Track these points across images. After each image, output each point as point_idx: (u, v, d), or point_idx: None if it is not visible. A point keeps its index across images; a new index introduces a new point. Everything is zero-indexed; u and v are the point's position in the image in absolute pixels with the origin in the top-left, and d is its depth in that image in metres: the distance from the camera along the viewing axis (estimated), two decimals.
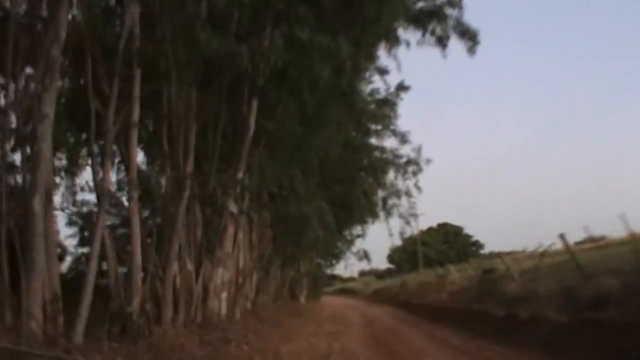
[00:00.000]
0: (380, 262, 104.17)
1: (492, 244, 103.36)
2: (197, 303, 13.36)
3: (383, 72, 21.20)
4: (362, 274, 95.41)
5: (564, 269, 16.46)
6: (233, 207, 14.68)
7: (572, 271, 15.23)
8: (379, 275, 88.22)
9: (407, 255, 76.11)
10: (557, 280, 15.57)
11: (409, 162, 33.06)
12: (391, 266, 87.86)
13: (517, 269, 19.96)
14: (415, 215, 38.02)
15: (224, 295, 15.09)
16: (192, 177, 12.25)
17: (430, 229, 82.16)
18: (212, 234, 13.59)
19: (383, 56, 19.60)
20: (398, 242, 51.39)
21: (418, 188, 34.47)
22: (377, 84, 27.58)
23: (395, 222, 37.42)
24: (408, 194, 35.13)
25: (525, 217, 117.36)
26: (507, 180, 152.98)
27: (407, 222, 37.41)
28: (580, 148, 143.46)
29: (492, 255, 52.19)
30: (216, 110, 13.66)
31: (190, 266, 13.24)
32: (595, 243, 23.39)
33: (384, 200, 34.78)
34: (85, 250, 17.80)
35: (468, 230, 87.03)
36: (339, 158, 24.18)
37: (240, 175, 14.66)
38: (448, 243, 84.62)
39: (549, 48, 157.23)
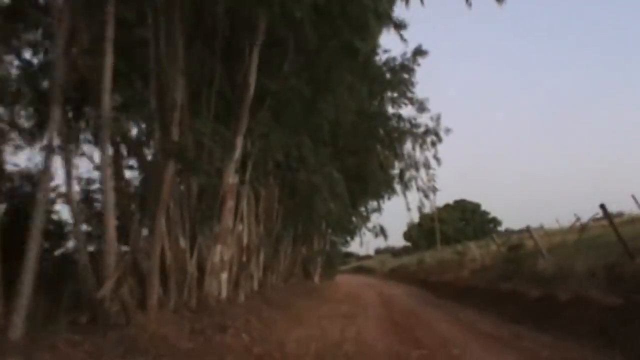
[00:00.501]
0: (397, 239, 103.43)
1: (508, 221, 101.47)
2: (191, 284, 11.69)
3: (400, 26, 19.18)
4: (378, 251, 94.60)
5: (599, 245, 14.84)
6: (232, 176, 13.01)
7: (608, 247, 13.59)
8: (395, 253, 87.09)
9: (423, 232, 74.91)
10: (594, 256, 13.84)
11: (428, 131, 31.44)
12: (408, 244, 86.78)
13: (545, 245, 18.27)
14: (434, 189, 36.10)
15: (224, 275, 13.42)
16: (181, 139, 10.54)
17: (447, 206, 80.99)
18: (207, 206, 11.92)
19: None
20: (416, 217, 49.96)
21: (437, 159, 32.99)
22: (393, 52, 26.00)
23: (413, 196, 35.86)
24: (427, 165, 33.65)
25: (540, 194, 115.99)
26: (523, 157, 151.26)
27: (426, 196, 35.76)
28: (596, 128, 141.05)
29: (509, 232, 51.13)
30: (210, 63, 11.91)
31: (183, 242, 11.60)
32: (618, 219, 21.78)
33: (401, 173, 33.32)
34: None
35: (485, 207, 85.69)
36: (353, 127, 22.76)
37: (239, 139, 12.96)
38: (465, 220, 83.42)
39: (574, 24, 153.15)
